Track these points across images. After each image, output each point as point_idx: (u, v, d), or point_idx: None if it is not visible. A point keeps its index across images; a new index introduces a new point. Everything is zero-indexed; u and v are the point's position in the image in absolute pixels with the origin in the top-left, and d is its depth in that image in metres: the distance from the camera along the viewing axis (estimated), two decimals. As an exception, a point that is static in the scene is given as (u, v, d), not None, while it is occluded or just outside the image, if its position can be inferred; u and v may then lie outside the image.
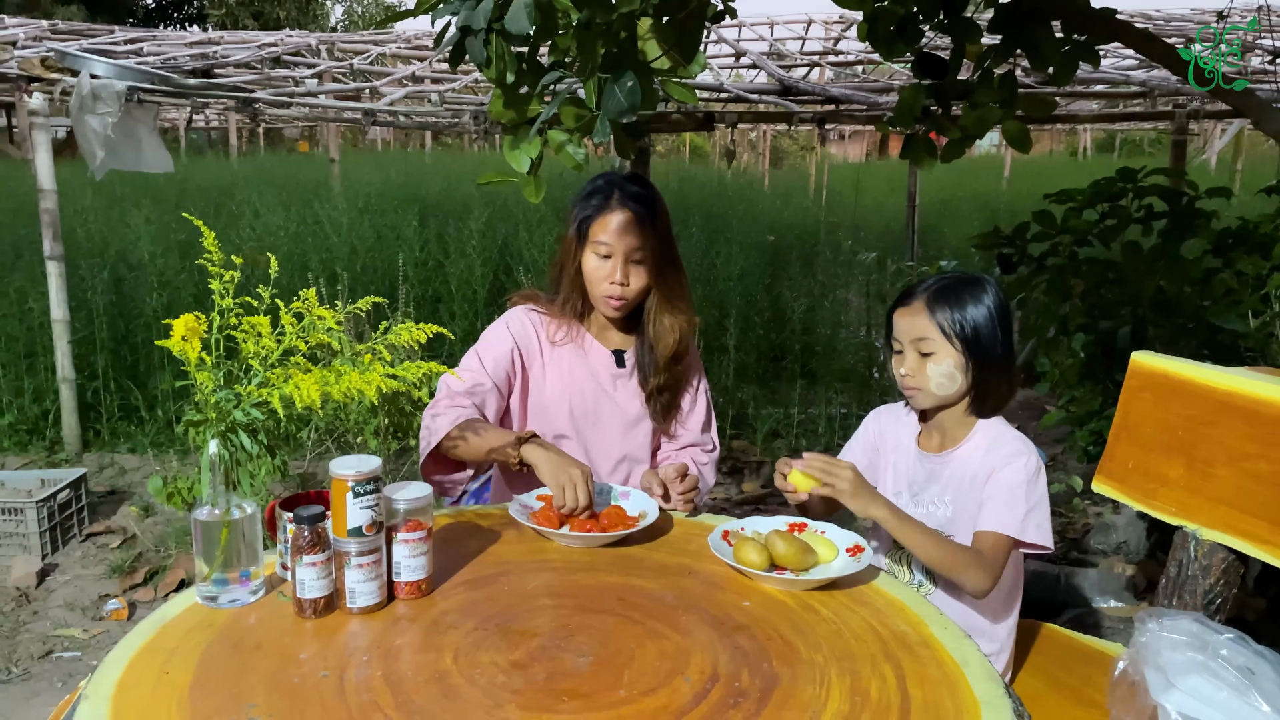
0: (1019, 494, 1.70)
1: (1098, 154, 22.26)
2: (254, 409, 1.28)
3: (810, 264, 6.82)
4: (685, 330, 2.07)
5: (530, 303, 2.13)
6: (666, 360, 2.07)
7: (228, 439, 1.33)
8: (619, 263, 1.98)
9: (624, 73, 2.21)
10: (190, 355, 1.25)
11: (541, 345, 2.08)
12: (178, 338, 1.23)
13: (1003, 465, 1.73)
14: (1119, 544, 3.61)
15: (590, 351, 2.09)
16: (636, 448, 2.11)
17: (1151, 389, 1.98)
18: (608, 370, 2.09)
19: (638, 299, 2.04)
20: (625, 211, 1.99)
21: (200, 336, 1.27)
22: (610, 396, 2.08)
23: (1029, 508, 1.70)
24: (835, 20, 9.25)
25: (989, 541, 1.69)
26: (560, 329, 2.09)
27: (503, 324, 2.10)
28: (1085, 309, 3.39)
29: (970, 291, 1.74)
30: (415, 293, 5.09)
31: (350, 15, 24.95)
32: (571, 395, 2.06)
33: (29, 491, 3.89)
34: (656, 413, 2.11)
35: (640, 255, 1.99)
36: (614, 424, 2.08)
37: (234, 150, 13.96)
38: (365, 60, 7.58)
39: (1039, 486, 1.73)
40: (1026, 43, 2.62)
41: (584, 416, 2.06)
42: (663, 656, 1.35)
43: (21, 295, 4.95)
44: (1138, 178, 3.21)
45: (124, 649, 1.36)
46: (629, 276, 1.99)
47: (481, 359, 2.05)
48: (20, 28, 6.88)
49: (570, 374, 2.07)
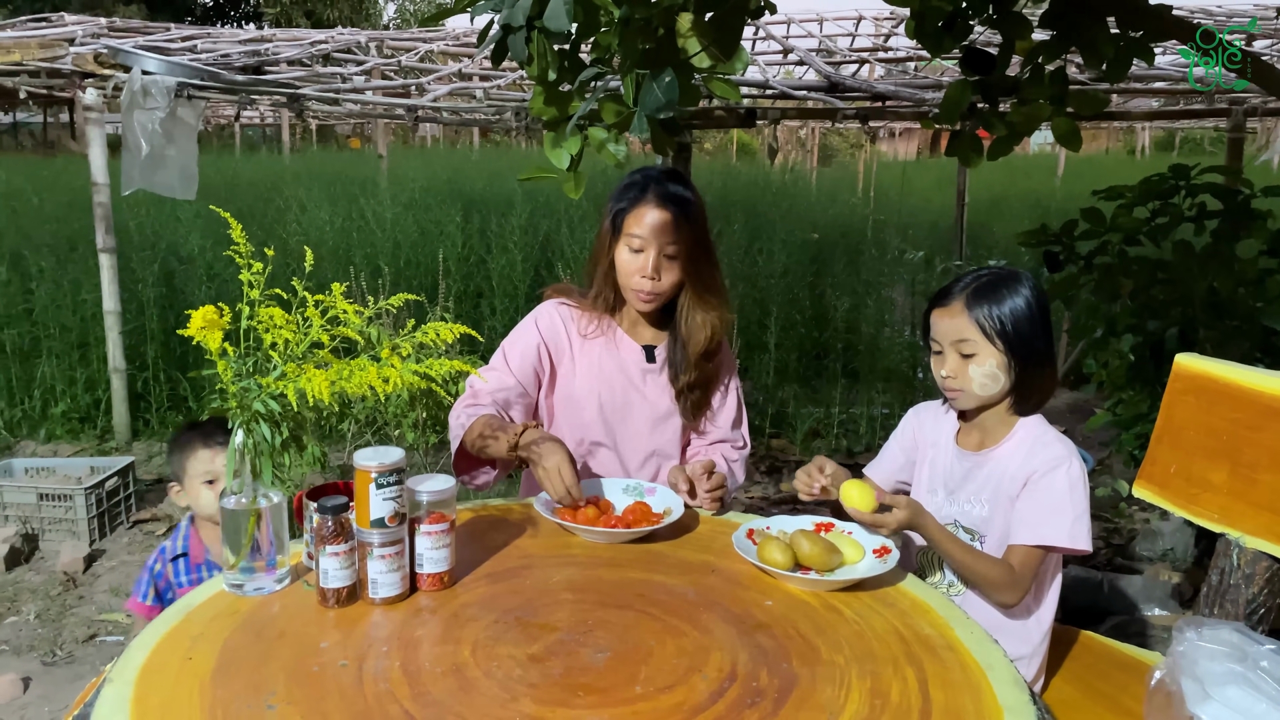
0: (1063, 503, 1.67)
1: (1156, 152, 21.79)
2: (272, 400, 1.29)
3: (854, 262, 6.74)
4: (717, 327, 2.05)
5: (563, 296, 2.13)
6: (698, 357, 2.05)
7: (250, 429, 1.34)
8: (651, 256, 1.97)
9: (662, 69, 2.20)
10: (212, 345, 1.26)
11: (571, 340, 2.08)
12: (195, 327, 1.25)
13: (1045, 473, 1.70)
14: (1165, 551, 3.52)
15: (621, 346, 2.09)
16: (665, 443, 2.09)
17: (1195, 392, 1.93)
18: (638, 365, 2.08)
19: (670, 294, 2.03)
20: (659, 206, 1.98)
21: (224, 328, 1.29)
22: (640, 391, 2.07)
23: (1074, 516, 1.67)
24: (886, 16, 9.15)
25: (1020, 556, 1.67)
26: (591, 322, 2.09)
27: (531, 320, 2.10)
28: (1134, 309, 3.31)
29: (1008, 288, 1.70)
30: (457, 288, 5.12)
31: (403, 13, 25.20)
32: (600, 390, 2.05)
33: (78, 479, 3.99)
34: (686, 409, 2.09)
35: (673, 250, 1.98)
36: (643, 419, 2.07)
37: (286, 146, 14.18)
38: (413, 57, 7.65)
39: (1081, 492, 1.69)
40: (1079, 39, 2.56)
41: (613, 411, 2.05)
42: (681, 654, 1.34)
43: (76, 287, 5.08)
44: (1190, 175, 3.12)
45: (150, 634, 1.38)
46: (661, 271, 1.98)
47: (507, 357, 2.06)
48: (79, 25, 7.02)
49: (600, 368, 2.06)
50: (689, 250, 2.01)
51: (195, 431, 2.21)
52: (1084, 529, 1.67)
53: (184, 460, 2.19)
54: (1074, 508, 1.66)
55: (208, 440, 2.18)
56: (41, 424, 4.94)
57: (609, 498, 1.85)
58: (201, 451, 2.17)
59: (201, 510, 2.19)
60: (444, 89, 4.94)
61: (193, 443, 2.19)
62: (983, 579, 1.68)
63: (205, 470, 2.16)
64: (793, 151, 20.46)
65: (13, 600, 3.39)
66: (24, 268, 5.13)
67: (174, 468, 2.24)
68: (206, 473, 2.16)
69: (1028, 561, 1.67)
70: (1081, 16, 2.54)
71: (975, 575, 1.69)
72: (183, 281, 5.31)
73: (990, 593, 1.69)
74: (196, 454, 2.17)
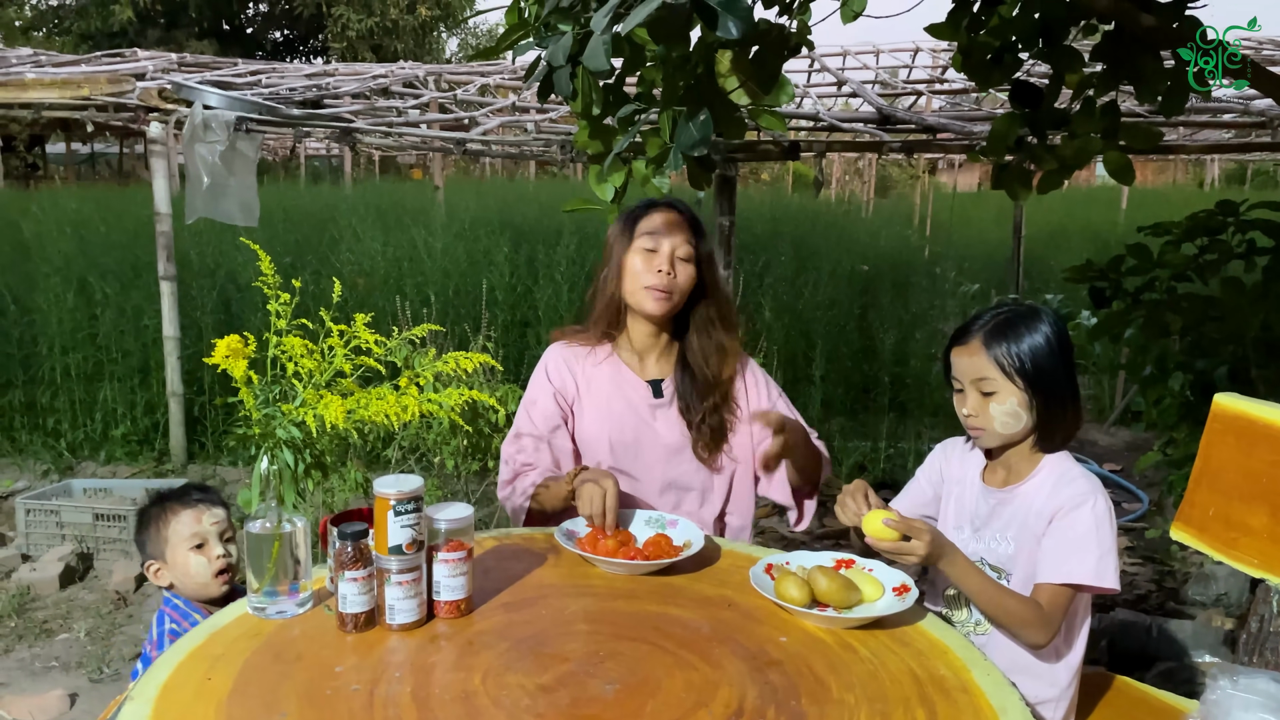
0: (1089, 540, 1.64)
1: (1227, 185, 21.27)
2: (294, 427, 1.33)
3: (905, 295, 6.69)
4: (729, 355, 2.06)
5: (564, 339, 2.16)
6: (712, 382, 2.05)
7: (275, 455, 1.38)
8: (665, 252, 1.99)
9: (697, 106, 2.23)
10: (236, 373, 1.31)
11: (578, 381, 2.11)
12: (220, 356, 1.29)
13: (1070, 510, 1.67)
14: (1219, 596, 3.41)
15: (625, 384, 2.10)
16: (682, 474, 2.09)
17: (1235, 433, 1.88)
18: (645, 401, 2.09)
19: (680, 300, 2.03)
20: (671, 210, 2.04)
21: (249, 356, 1.33)
22: (650, 427, 2.08)
23: (1100, 554, 1.63)
24: (942, 49, 9.13)
25: (1048, 594, 1.64)
26: (592, 353, 2.11)
27: (541, 371, 2.14)
28: (1185, 347, 3.24)
29: (1027, 325, 1.68)
30: (504, 317, 5.19)
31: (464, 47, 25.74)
32: (610, 429, 2.07)
33: (134, 500, 4.10)
34: (702, 442, 2.08)
35: (686, 253, 2.01)
36: (655, 453, 2.07)
37: (347, 177, 14.53)
38: (470, 91, 7.80)
39: (1108, 529, 1.66)
40: (1132, 72, 2.53)
41: (624, 449, 2.06)
42: (690, 688, 1.34)
43: (138, 313, 5.24)
44: (1240, 210, 3.06)
45: (174, 653, 1.42)
46: (676, 268, 1.99)
47: (532, 417, 2.10)
48: (150, 60, 7.31)
49: (608, 408, 2.08)
50: (702, 256, 2.04)
51: (169, 499, 2.08)
52: (1110, 567, 1.63)
53: (162, 531, 2.04)
54: (1099, 545, 1.63)
55: (186, 502, 2.06)
56: (102, 446, 5.09)
57: (631, 530, 1.86)
58: (184, 514, 2.04)
59: (192, 579, 2.02)
60: (493, 122, 5.04)
61: (169, 510, 2.05)
62: (1011, 616, 1.65)
63: (192, 533, 2.02)
64: (850, 182, 20.37)
65: (65, 617, 3.49)
66: (90, 294, 5.31)
67: (149, 546, 2.07)
68: (194, 535, 2.02)
69: (1056, 600, 1.64)
70: (1135, 49, 2.51)
71: (1003, 613, 1.65)
72: (240, 308, 5.46)
73: (1019, 632, 1.66)
74: (179, 518, 2.04)
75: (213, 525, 2.05)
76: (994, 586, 1.66)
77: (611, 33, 1.73)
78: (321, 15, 22.20)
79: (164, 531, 2.04)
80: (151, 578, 2.08)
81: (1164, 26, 2.36)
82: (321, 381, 1.41)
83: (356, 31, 21.73)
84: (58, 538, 3.97)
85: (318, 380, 1.39)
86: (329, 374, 1.46)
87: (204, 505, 2.07)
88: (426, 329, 1.63)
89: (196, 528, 2.03)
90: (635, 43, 2.22)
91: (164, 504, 2.08)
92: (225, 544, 2.06)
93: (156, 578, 2.07)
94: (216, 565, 2.02)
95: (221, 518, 2.08)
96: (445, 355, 1.55)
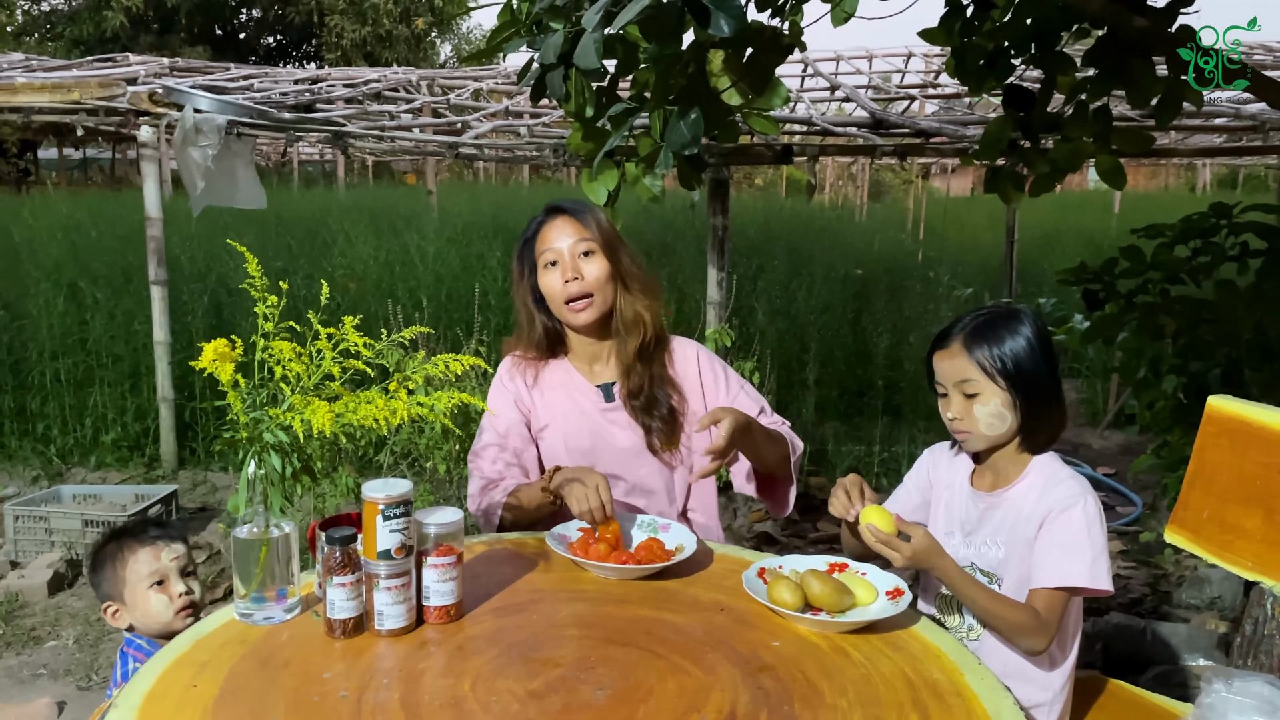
0: (1081, 542, 1.63)
1: (1218, 189, 21.33)
2: (281, 431, 1.31)
3: (898, 298, 6.68)
4: (649, 317, 2.01)
5: (514, 348, 2.14)
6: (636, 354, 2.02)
7: (262, 459, 1.37)
8: (566, 260, 1.97)
9: (692, 105, 2.22)
10: (223, 377, 1.29)
11: (532, 392, 2.09)
12: (207, 360, 1.28)
13: (1060, 512, 1.66)
14: (1213, 599, 3.41)
15: (576, 390, 2.08)
16: (644, 477, 2.06)
17: (1228, 435, 1.88)
18: (597, 406, 2.07)
19: (604, 297, 2.00)
20: (555, 216, 2.02)
21: (236, 360, 1.31)
22: (606, 431, 2.06)
23: (1093, 555, 1.63)
24: (936, 54, 9.14)
25: (1044, 599, 1.63)
26: (531, 370, 2.09)
27: (499, 383, 2.12)
28: (1178, 349, 3.24)
29: (1007, 325, 1.68)
30: (497, 321, 5.17)
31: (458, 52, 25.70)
32: (566, 436, 2.05)
33: (123, 506, 4.07)
34: (657, 436, 2.04)
35: (586, 246, 1.98)
36: (613, 458, 2.04)
37: (340, 182, 14.51)
38: (464, 95, 7.79)
39: (1099, 530, 1.65)
40: (1125, 77, 2.53)
41: (582, 456, 2.04)
42: (682, 693, 1.33)
43: (128, 318, 5.22)
44: (1233, 213, 3.06)
45: (159, 661, 1.40)
46: (581, 269, 1.97)
47: (495, 428, 2.07)
48: (142, 65, 7.28)
49: (563, 416, 2.07)
50: (603, 240, 2.00)
51: (123, 537, 2.01)
52: (1104, 568, 1.62)
53: (118, 570, 1.97)
54: (1092, 546, 1.62)
55: (143, 539, 1.99)
56: (92, 451, 5.06)
57: (623, 533, 1.84)
58: (141, 552, 1.97)
59: (153, 619, 1.95)
60: (486, 126, 5.03)
61: (125, 548, 1.98)
62: (1007, 624, 1.64)
63: (151, 571, 1.96)
64: (843, 186, 20.39)
65: (54, 624, 3.46)
66: (80, 299, 5.28)
67: (105, 586, 1.99)
68: (153, 573, 1.96)
69: (1052, 605, 1.63)
70: (1128, 54, 2.50)
71: (999, 621, 1.65)
72: (231, 313, 5.43)
73: (1016, 639, 1.65)
74: (136, 556, 1.97)
75: (172, 561, 1.99)
76: (989, 595, 1.65)
77: (603, 31, 1.73)
78: (314, 22, 22.16)
79: (121, 571, 1.97)
80: (110, 620, 2.00)
81: (1157, 30, 2.36)
82: (309, 385, 1.40)
83: (350, 40, 21.70)
84: (46, 544, 3.94)
85: (305, 384, 1.38)
86: (317, 377, 1.44)
87: (162, 541, 2.00)
88: (414, 331, 1.61)
89: (155, 565, 1.97)
90: (627, 42, 2.21)
91: (119, 541, 2.00)
92: (186, 580, 2.00)
93: (115, 620, 1.99)
94: (179, 603, 1.96)
95: (181, 553, 2.02)
96: (434, 358, 1.53)
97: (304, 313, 1.49)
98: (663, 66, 2.27)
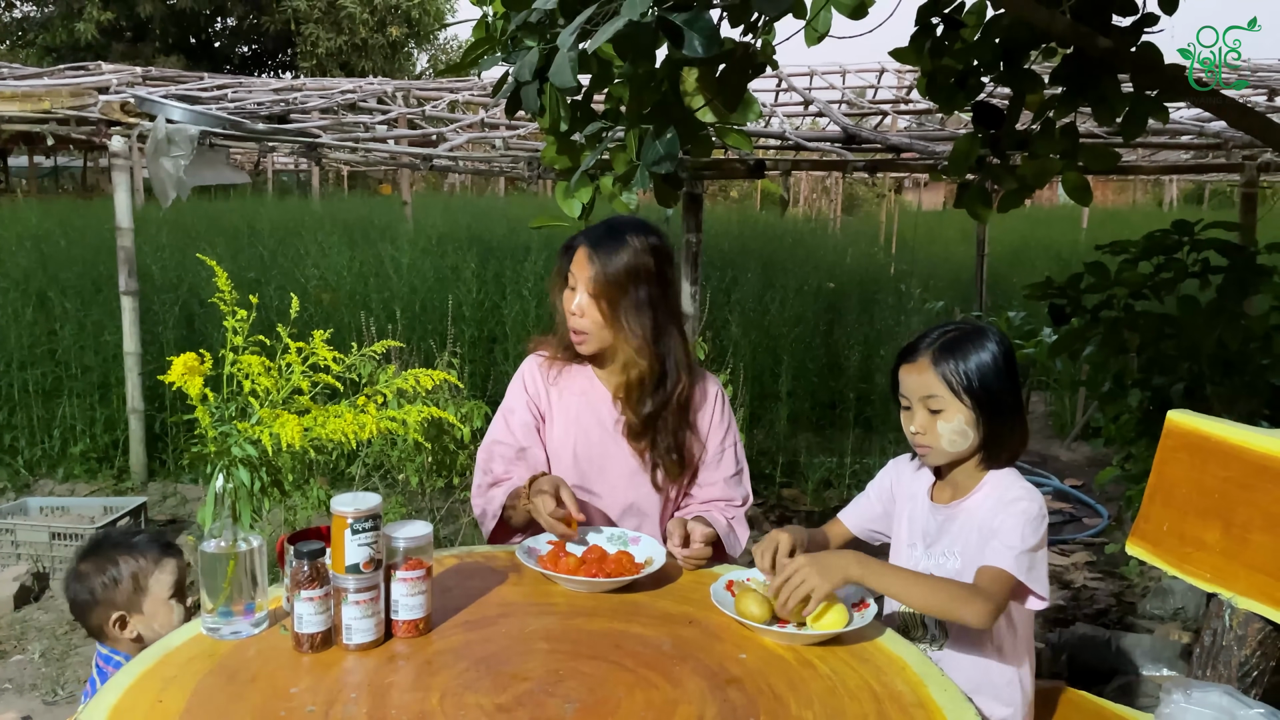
0: (1019, 534, 1.63)
1: (1185, 205, 21.66)
2: (249, 445, 1.31)
3: (870, 311, 6.74)
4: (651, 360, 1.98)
5: (540, 348, 2.14)
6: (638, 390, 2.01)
7: (230, 473, 1.37)
8: (578, 293, 1.97)
9: (664, 124, 2.24)
10: (192, 391, 1.29)
11: (548, 391, 2.09)
12: (176, 374, 1.28)
13: (1004, 505, 1.68)
14: (1176, 610, 3.46)
15: (596, 399, 2.08)
16: (641, 498, 2.06)
17: (1187, 449, 1.92)
18: (612, 419, 2.06)
19: (598, 340, 1.99)
20: (583, 245, 1.98)
21: (205, 374, 1.31)
22: (613, 445, 2.05)
23: (1026, 548, 1.62)
24: (908, 71, 9.24)
25: (989, 575, 1.61)
26: (555, 369, 2.10)
27: (519, 379, 2.12)
28: (1142, 364, 3.29)
29: (974, 343, 1.70)
30: (472, 332, 5.17)
31: (434, 62, 25.68)
32: (576, 441, 2.05)
33: (91, 518, 4.03)
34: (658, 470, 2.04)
35: (592, 288, 1.95)
36: (620, 470, 2.04)
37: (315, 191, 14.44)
38: (439, 107, 7.79)
39: (1039, 533, 1.65)
40: (1092, 95, 2.57)
41: (589, 463, 2.04)
42: (649, 706, 1.34)
43: (98, 329, 5.17)
44: (1195, 230, 3.12)
45: (124, 676, 1.39)
46: (584, 307, 1.97)
47: (510, 425, 2.08)
48: (115, 74, 7.23)
49: (576, 420, 2.06)
50: (607, 286, 1.94)
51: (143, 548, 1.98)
52: (1028, 564, 1.61)
53: (141, 582, 1.94)
54: (1023, 542, 1.62)
55: (169, 551, 1.99)
56: (60, 463, 5.00)
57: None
58: (168, 563, 1.97)
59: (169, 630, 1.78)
60: (461, 138, 5.03)
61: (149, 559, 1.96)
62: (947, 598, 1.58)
63: (174, 582, 1.96)
64: (817, 200, 20.51)
65: (20, 638, 3.42)
66: (49, 309, 5.23)
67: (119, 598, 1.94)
68: (176, 585, 1.97)
69: (998, 579, 1.60)
70: (1095, 72, 2.55)
71: (935, 597, 1.59)
72: (202, 324, 5.40)
73: (958, 611, 1.58)
74: (162, 568, 1.96)
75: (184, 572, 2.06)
76: (919, 577, 1.62)
77: (578, 49, 1.74)
78: (289, 31, 22.07)
79: (144, 582, 1.95)
80: (114, 632, 1.95)
81: (1121, 50, 2.41)
82: (278, 399, 1.40)
83: (325, 49, 21.63)
84: (13, 557, 3.89)
85: (274, 398, 1.38)
86: (286, 391, 1.44)
87: (181, 555, 2.04)
88: (385, 345, 1.62)
89: (177, 576, 1.99)
90: (602, 59, 2.23)
91: (137, 552, 1.97)
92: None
93: (123, 632, 1.95)
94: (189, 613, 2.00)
95: (186, 565, 2.08)
96: (405, 373, 1.54)
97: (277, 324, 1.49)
98: (637, 84, 2.30)
